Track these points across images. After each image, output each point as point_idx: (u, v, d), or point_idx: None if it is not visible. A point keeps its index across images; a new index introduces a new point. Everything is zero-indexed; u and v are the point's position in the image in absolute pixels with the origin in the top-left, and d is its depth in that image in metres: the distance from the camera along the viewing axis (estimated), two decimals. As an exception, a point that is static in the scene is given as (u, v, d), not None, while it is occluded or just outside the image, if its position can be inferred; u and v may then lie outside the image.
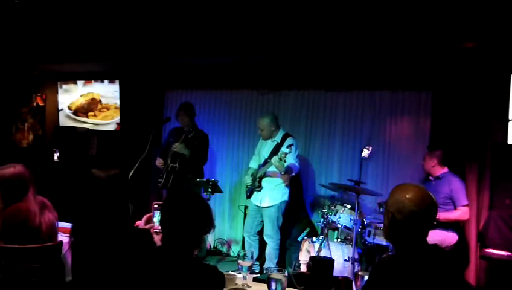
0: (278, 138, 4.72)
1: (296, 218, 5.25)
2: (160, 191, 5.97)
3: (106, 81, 6.43)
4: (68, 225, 2.57)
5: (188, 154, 4.88)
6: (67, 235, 2.55)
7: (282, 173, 4.50)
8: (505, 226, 4.27)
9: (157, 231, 2.71)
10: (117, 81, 6.32)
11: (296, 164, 4.60)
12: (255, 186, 4.73)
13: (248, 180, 4.84)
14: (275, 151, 4.58)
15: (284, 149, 4.33)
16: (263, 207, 4.73)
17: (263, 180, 4.70)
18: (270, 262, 4.70)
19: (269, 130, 4.73)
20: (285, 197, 4.71)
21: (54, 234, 2.87)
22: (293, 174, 4.63)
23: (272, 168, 4.60)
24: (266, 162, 4.67)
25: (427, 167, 4.42)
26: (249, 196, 4.87)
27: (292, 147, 4.36)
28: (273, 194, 4.68)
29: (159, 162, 5.11)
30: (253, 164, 4.96)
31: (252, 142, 5.55)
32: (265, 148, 4.82)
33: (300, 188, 5.36)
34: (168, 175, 4.99)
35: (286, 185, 4.72)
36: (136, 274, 1.89)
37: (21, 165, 2.86)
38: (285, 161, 4.32)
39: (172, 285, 1.82)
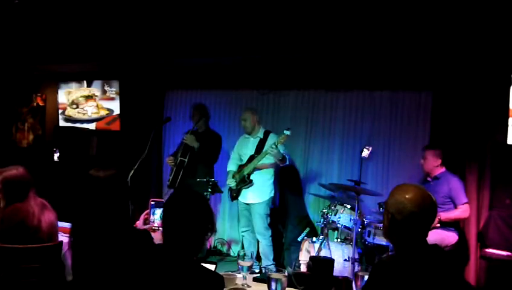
0: (260, 134, 4.82)
1: (296, 218, 5.25)
2: (161, 189, 5.99)
3: (104, 81, 6.43)
4: (68, 225, 2.59)
5: (196, 147, 4.84)
6: (67, 235, 2.56)
7: (280, 159, 4.52)
8: (505, 226, 4.27)
9: (155, 227, 2.72)
10: (117, 81, 6.33)
11: (287, 157, 4.67)
12: (244, 184, 4.75)
13: (233, 183, 4.84)
14: (260, 146, 4.64)
15: (285, 132, 4.38)
16: (252, 204, 4.76)
17: (252, 175, 4.72)
18: (267, 260, 4.72)
19: (252, 121, 4.80)
20: (272, 193, 4.81)
21: (54, 234, 2.89)
22: (287, 162, 4.65)
23: (263, 161, 4.64)
24: (253, 157, 4.69)
25: (429, 166, 4.34)
26: (235, 197, 4.87)
27: (289, 130, 4.40)
28: (262, 190, 4.73)
29: (169, 159, 5.11)
30: (232, 167, 4.96)
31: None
32: (247, 146, 4.86)
33: (300, 188, 5.37)
34: (177, 172, 4.96)
35: (273, 182, 4.80)
36: (135, 275, 1.88)
37: (23, 168, 2.96)
38: (283, 145, 4.44)
39: (171, 287, 1.81)
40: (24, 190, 2.87)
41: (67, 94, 6.76)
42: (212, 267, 2.38)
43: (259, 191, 4.74)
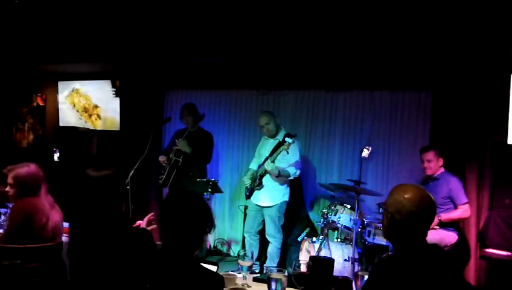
0: (280, 136, 4.74)
1: (296, 218, 5.25)
2: (160, 189, 5.99)
3: (105, 81, 6.43)
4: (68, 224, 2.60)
5: (189, 152, 4.86)
6: (68, 235, 2.56)
7: (276, 176, 4.51)
8: (505, 226, 4.27)
9: None
10: (117, 82, 6.33)
11: (296, 168, 4.60)
12: (255, 185, 4.73)
13: (247, 181, 4.84)
14: (276, 149, 4.59)
15: (287, 139, 4.32)
16: (264, 207, 4.74)
17: (264, 178, 4.70)
18: (272, 261, 4.71)
19: (275, 123, 4.73)
20: (286, 198, 4.72)
21: (58, 234, 2.91)
22: (291, 177, 4.63)
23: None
24: (267, 159, 4.68)
25: (436, 167, 4.29)
26: (248, 196, 4.86)
27: (295, 138, 4.35)
28: (273, 193, 4.69)
29: (162, 158, 5.10)
30: (253, 166, 4.97)
31: (252, 142, 5.55)
32: (266, 147, 4.83)
33: (300, 188, 5.36)
34: (170, 171, 4.96)
35: (287, 186, 4.73)
36: (134, 274, 1.88)
37: (35, 165, 3.01)
38: (287, 152, 4.33)
39: (170, 287, 1.81)
40: (35, 186, 2.92)
41: (67, 95, 6.77)
42: (213, 268, 2.37)
43: (271, 195, 4.70)
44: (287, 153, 4.35)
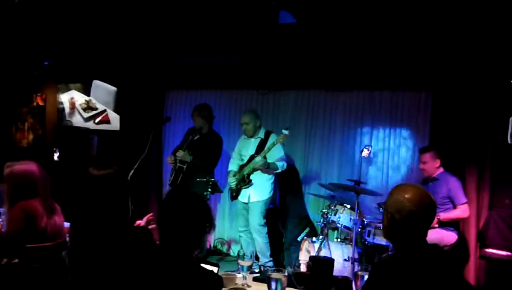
0: (261, 134, 4.83)
1: (296, 218, 5.25)
2: (160, 189, 5.99)
3: (104, 82, 6.43)
4: (68, 224, 2.59)
5: (190, 161, 4.88)
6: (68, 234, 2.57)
7: (266, 168, 4.59)
8: (505, 226, 4.27)
9: None
10: (116, 82, 6.33)
11: (284, 162, 4.67)
12: (244, 184, 4.76)
13: (233, 183, 4.86)
14: (261, 146, 4.65)
15: (284, 131, 4.39)
16: (250, 202, 4.79)
17: (251, 175, 4.75)
18: (264, 257, 4.74)
19: (254, 124, 4.81)
20: (271, 193, 4.83)
21: (58, 237, 2.88)
22: (279, 170, 4.68)
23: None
24: (253, 157, 4.70)
25: (431, 168, 4.31)
26: (235, 197, 4.90)
27: (289, 130, 4.42)
28: (261, 190, 4.76)
29: (170, 159, 5.11)
30: (233, 167, 4.99)
31: (252, 142, 5.55)
32: (248, 146, 4.87)
33: (300, 188, 5.37)
34: (177, 174, 4.99)
35: (272, 182, 4.81)
36: (133, 274, 1.87)
37: (34, 165, 2.85)
38: (283, 144, 4.43)
39: (168, 287, 1.80)
40: (31, 187, 2.78)
41: (67, 94, 6.78)
42: (214, 269, 2.36)
43: (259, 191, 4.75)
44: (283, 145, 4.45)
